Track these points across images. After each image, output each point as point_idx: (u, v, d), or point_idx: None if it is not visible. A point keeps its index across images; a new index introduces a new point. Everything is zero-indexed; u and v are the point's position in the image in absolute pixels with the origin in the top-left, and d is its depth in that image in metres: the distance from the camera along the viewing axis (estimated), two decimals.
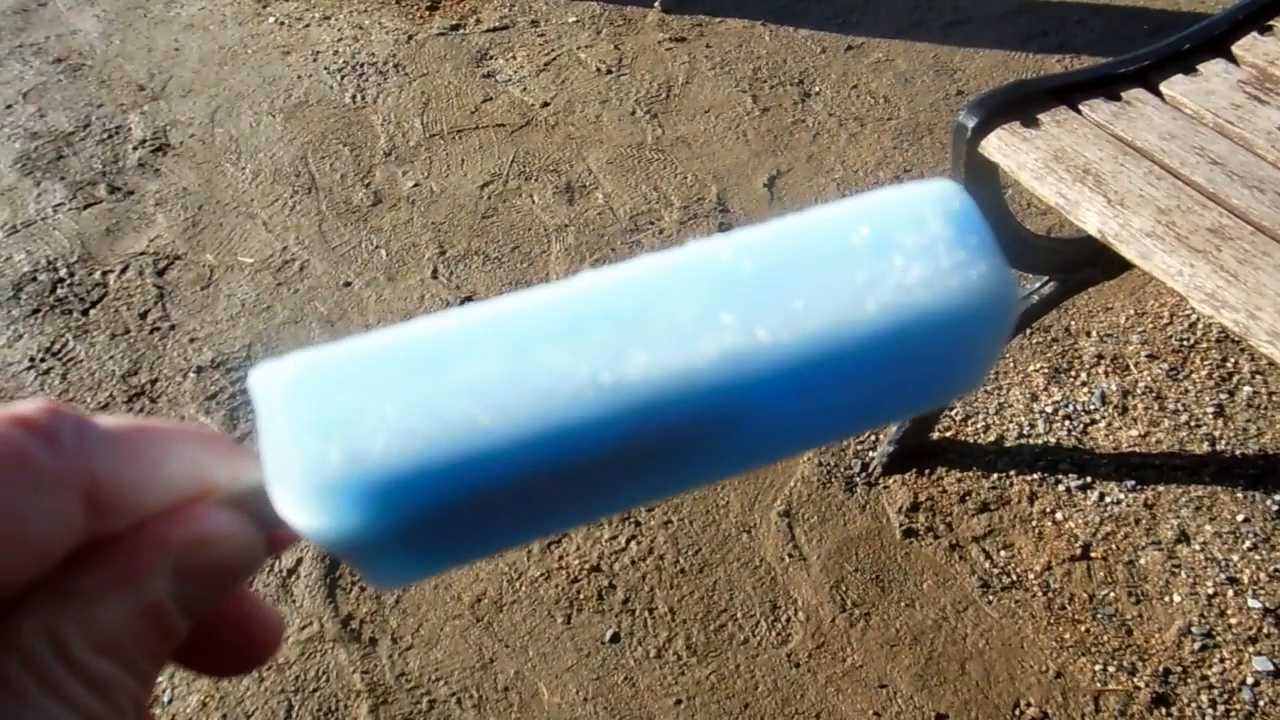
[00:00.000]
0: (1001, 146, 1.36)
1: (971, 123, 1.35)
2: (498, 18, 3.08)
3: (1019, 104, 1.39)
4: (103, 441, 0.24)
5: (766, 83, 2.78)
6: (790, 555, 1.65)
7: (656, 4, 3.12)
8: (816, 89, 2.76)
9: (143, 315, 2.03)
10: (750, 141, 2.56)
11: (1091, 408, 1.86)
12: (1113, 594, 1.59)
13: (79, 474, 0.23)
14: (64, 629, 0.22)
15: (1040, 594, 1.60)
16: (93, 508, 0.23)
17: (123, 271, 2.13)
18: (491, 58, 2.90)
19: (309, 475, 0.24)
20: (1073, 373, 1.93)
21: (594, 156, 2.51)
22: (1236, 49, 1.64)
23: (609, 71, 2.83)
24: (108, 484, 0.24)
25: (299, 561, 1.61)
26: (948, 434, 1.83)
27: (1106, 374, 1.93)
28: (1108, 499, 1.71)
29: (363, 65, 2.86)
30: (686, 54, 2.91)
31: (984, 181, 1.44)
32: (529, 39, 2.98)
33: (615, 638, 1.53)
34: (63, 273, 2.12)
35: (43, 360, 1.92)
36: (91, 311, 2.03)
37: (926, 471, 1.77)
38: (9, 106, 2.71)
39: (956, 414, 1.86)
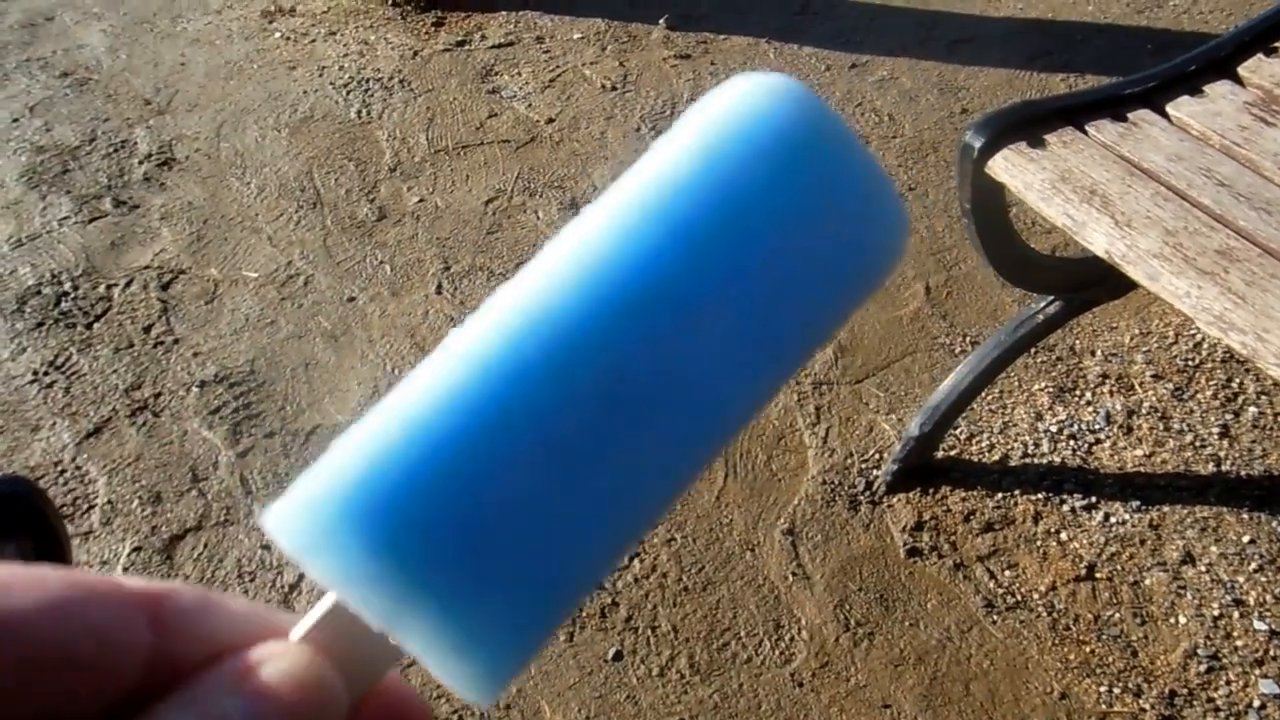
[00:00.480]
0: (1008, 167, 1.36)
1: (978, 143, 1.35)
2: (503, 34, 3.09)
3: (1025, 124, 1.39)
4: (183, 605, 0.25)
5: None
6: (794, 574, 1.64)
7: (661, 21, 3.13)
8: None
9: (146, 329, 2.03)
10: None
11: (1096, 427, 1.86)
12: (1118, 615, 1.58)
13: (147, 605, 0.24)
14: None
15: (1045, 614, 1.59)
16: (162, 636, 0.24)
17: (127, 285, 2.14)
18: (496, 74, 2.91)
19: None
20: (1077, 392, 1.93)
21: (599, 173, 2.51)
22: (1242, 70, 1.64)
23: (614, 88, 2.84)
24: (178, 622, 0.25)
25: (300, 578, 1.60)
26: (952, 453, 1.83)
27: (1111, 393, 1.92)
28: (1113, 519, 1.70)
29: (368, 81, 2.87)
30: (691, 71, 2.91)
31: (990, 201, 1.44)
32: (534, 55, 2.99)
33: (618, 656, 1.53)
34: (67, 286, 2.12)
35: (46, 374, 1.91)
36: (95, 325, 2.03)
37: (930, 490, 1.76)
38: (15, 120, 2.72)
39: (961, 433, 1.85)
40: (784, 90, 0.30)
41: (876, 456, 1.82)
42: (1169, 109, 1.55)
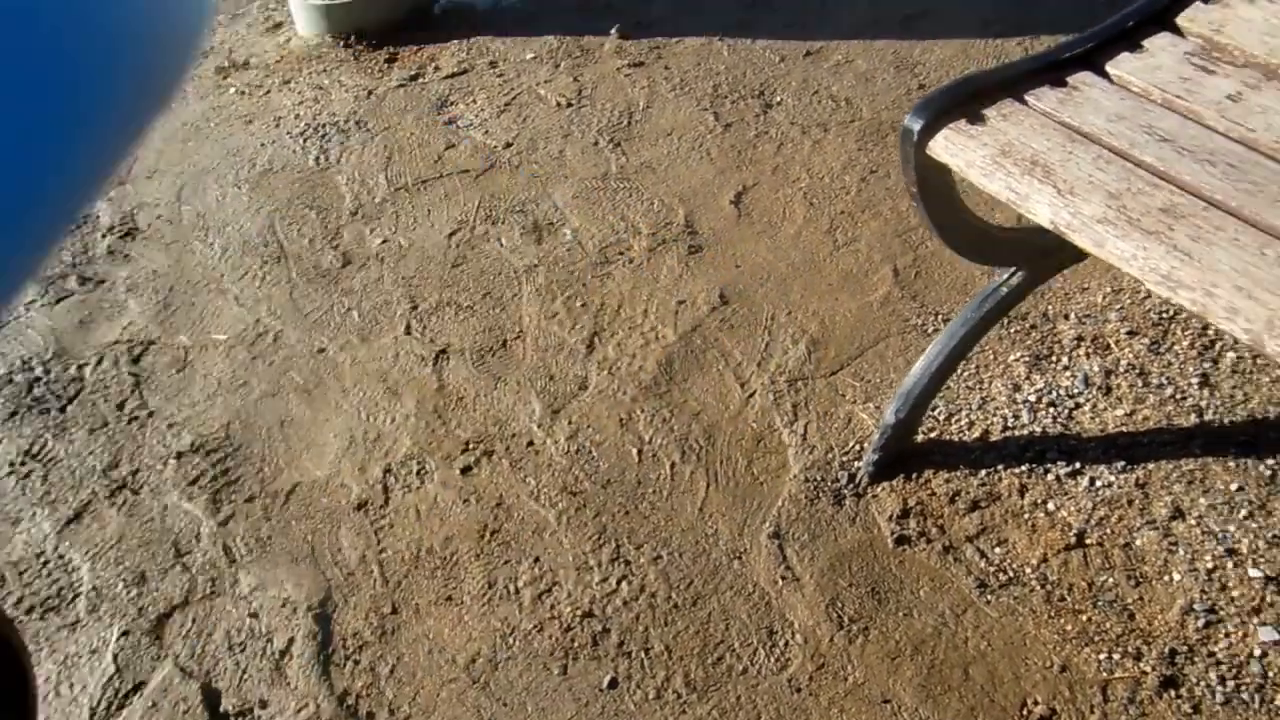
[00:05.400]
0: (949, 146, 1.35)
1: (917, 125, 1.34)
2: (455, 63, 3.09)
3: (964, 101, 1.38)
4: None
5: (727, 98, 2.77)
6: (783, 577, 1.63)
7: (613, 31, 3.12)
8: (778, 98, 2.75)
9: (120, 405, 2.03)
10: (715, 159, 2.55)
11: (1075, 391, 1.84)
12: (1111, 580, 1.56)
13: None
14: None
15: (1038, 588, 1.57)
16: None
17: (98, 363, 2.14)
18: (452, 104, 2.91)
19: None
20: (1053, 358, 1.91)
21: (559, 192, 2.50)
22: (1181, 20, 1.62)
23: (569, 105, 2.83)
24: None
25: (290, 641, 1.60)
26: (932, 435, 1.81)
27: (1088, 355, 1.90)
28: (1098, 483, 1.69)
29: (324, 126, 2.87)
30: (645, 78, 2.90)
31: (937, 182, 1.43)
32: (488, 80, 2.99)
33: (613, 683, 1.52)
34: (38, 371, 2.13)
35: (22, 464, 1.92)
36: (69, 407, 2.04)
37: (914, 475, 1.75)
38: None
39: (939, 413, 1.84)
40: None
41: (857, 448, 1.81)
42: (1109, 68, 1.53)
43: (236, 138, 2.90)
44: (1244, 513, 1.60)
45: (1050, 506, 1.67)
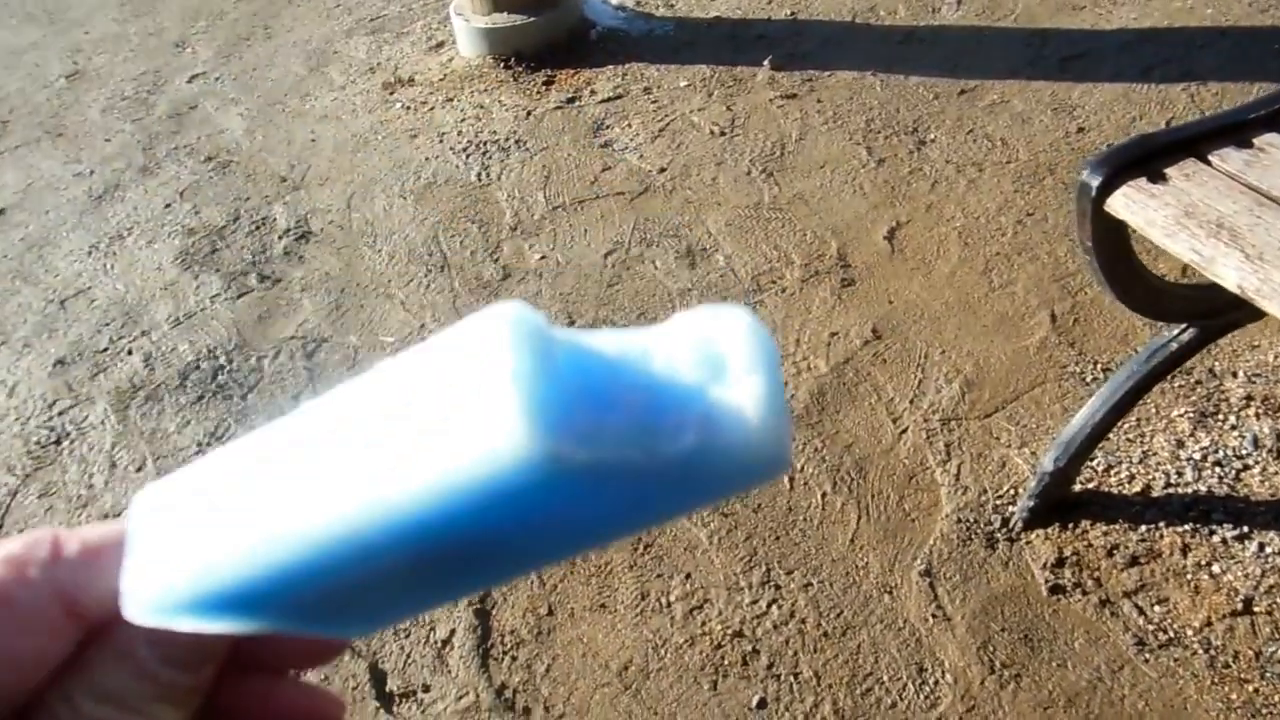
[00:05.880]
0: (1128, 204, 1.35)
1: (1095, 181, 1.34)
2: (611, 87, 3.18)
3: (1144, 159, 1.37)
4: (76, 558, 0.31)
5: (880, 133, 2.79)
6: (934, 615, 1.63)
7: (766, 62, 3.17)
8: (932, 136, 2.75)
9: (296, 397, 2.15)
10: (868, 194, 2.57)
11: (1244, 452, 1.80)
12: None
13: (56, 597, 0.30)
14: (74, 692, 0.30)
15: (1201, 651, 1.54)
16: (77, 615, 0.30)
17: (275, 356, 2.27)
18: (607, 127, 2.99)
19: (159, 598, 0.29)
20: (1220, 416, 1.87)
21: (713, 219, 2.56)
22: None
23: (722, 133, 2.89)
24: (84, 593, 0.30)
25: (452, 633, 1.67)
26: (1090, 485, 1.79)
27: (1258, 416, 1.86)
28: (1268, 549, 1.65)
29: (485, 143, 2.99)
30: (798, 110, 2.94)
31: (1112, 238, 1.42)
32: (642, 106, 3.07)
33: (762, 703, 1.54)
34: (222, 360, 2.27)
35: (209, 445, 2.05)
36: (250, 396, 2.17)
37: (1070, 525, 1.73)
38: (168, 205, 2.93)
39: (1099, 464, 1.82)
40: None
41: (1011, 492, 1.80)
42: None
43: (402, 150, 3.04)
44: None
45: (1215, 569, 1.63)
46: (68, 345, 2.45)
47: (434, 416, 0.27)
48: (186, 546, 0.29)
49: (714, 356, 0.29)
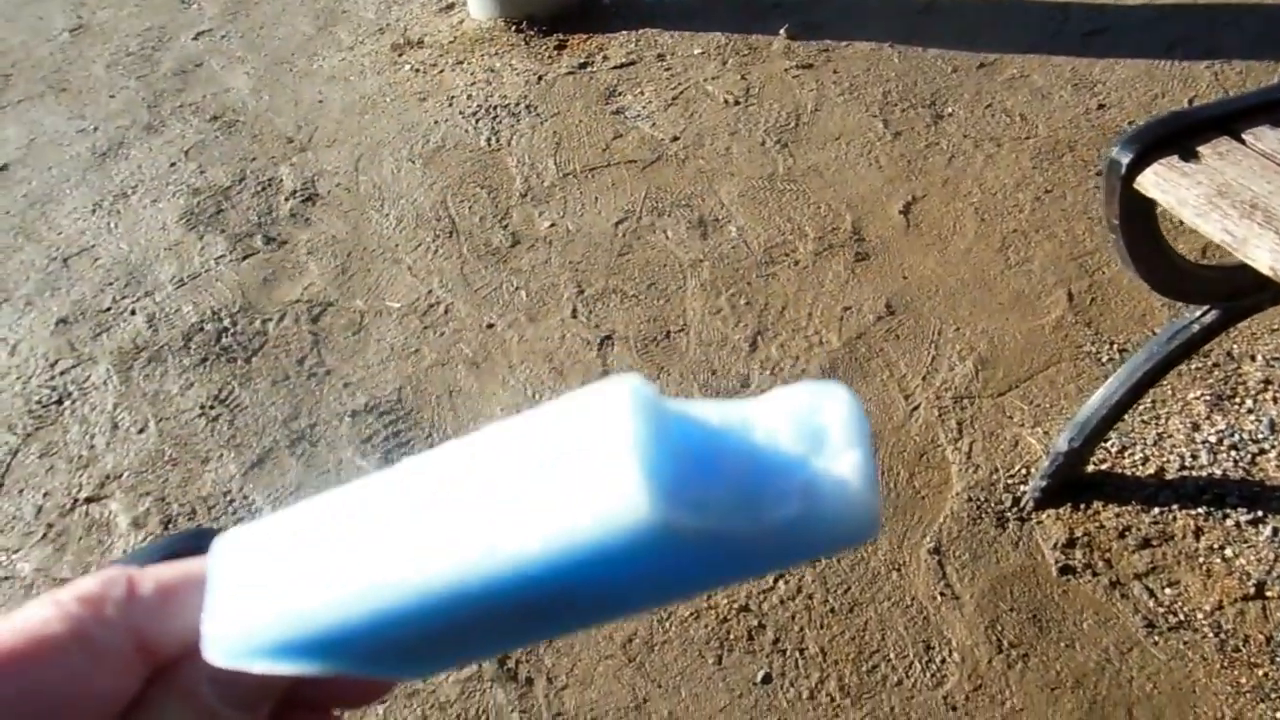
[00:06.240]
0: (1159, 182, 1.32)
1: (1126, 158, 1.31)
2: (624, 53, 3.13)
3: (1176, 136, 1.34)
4: (150, 598, 0.31)
5: (897, 106, 2.75)
6: (942, 594, 1.62)
7: (782, 31, 3.12)
8: (949, 110, 2.71)
9: (300, 361, 2.13)
10: (883, 167, 2.53)
11: (1260, 436, 1.77)
12: None
13: (130, 636, 0.30)
14: None
15: (1211, 635, 1.53)
16: (147, 652, 0.31)
17: (280, 320, 2.25)
18: (620, 94, 2.95)
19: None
20: (1237, 399, 1.85)
21: (725, 189, 2.52)
22: None
23: (737, 102, 2.84)
24: (156, 632, 0.31)
25: None
26: (1103, 466, 1.77)
27: (1275, 400, 1.83)
28: None
29: (496, 108, 2.95)
30: (814, 80, 2.90)
31: (1140, 217, 1.39)
32: (656, 73, 3.02)
33: (767, 679, 1.53)
34: (226, 322, 2.25)
35: (212, 408, 2.03)
36: (254, 359, 2.15)
37: (1082, 506, 1.71)
38: (173, 164, 2.89)
39: (1112, 445, 1.80)
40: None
41: (1023, 472, 1.78)
42: None
43: (411, 114, 3.00)
44: None
45: (1228, 553, 1.62)
46: (70, 304, 2.42)
47: (550, 477, 0.28)
48: (273, 591, 0.30)
49: (814, 430, 0.31)
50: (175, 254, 2.53)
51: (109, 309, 2.39)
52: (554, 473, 0.28)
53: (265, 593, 0.30)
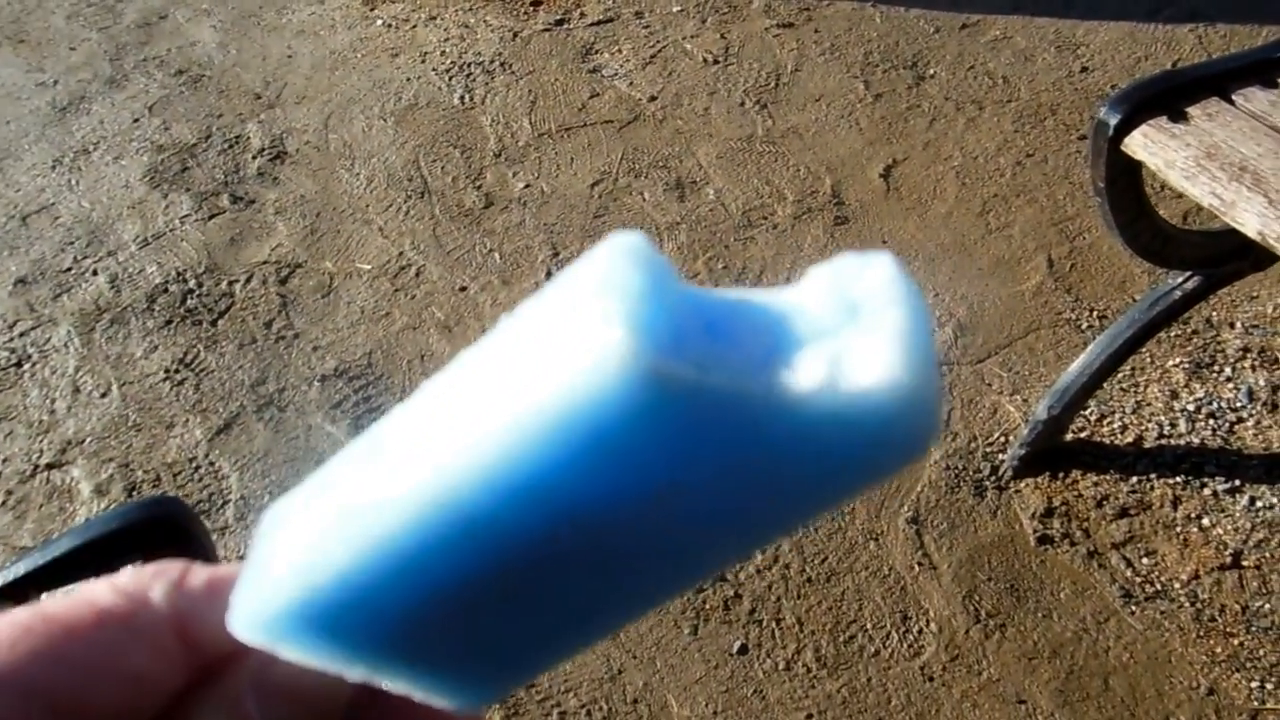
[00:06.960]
0: (1147, 144, 1.29)
1: (1114, 119, 1.28)
2: (601, 10, 3.06)
3: (1166, 97, 1.31)
4: (200, 590, 0.30)
5: (879, 67, 2.70)
6: (920, 564, 1.60)
7: None
8: (931, 72, 2.67)
9: (268, 324, 2.08)
10: (864, 130, 2.49)
11: (1238, 405, 1.76)
12: (1268, 605, 1.51)
13: (173, 622, 0.30)
14: None
15: (1188, 605, 1.53)
16: (190, 647, 0.30)
17: (247, 281, 2.19)
18: (597, 52, 2.89)
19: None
20: (1216, 367, 1.84)
21: (703, 151, 2.48)
22: None
23: (716, 62, 2.79)
24: (203, 624, 0.30)
25: None
26: (1082, 435, 1.76)
27: (1254, 368, 1.82)
28: (1259, 503, 1.62)
29: (469, 65, 2.88)
30: (795, 40, 2.84)
31: (1126, 179, 1.37)
32: (634, 31, 2.96)
33: (743, 649, 1.52)
34: (191, 284, 2.19)
35: (177, 371, 1.98)
36: (220, 322, 2.09)
37: (1060, 475, 1.70)
38: (136, 120, 2.81)
39: (1091, 413, 1.78)
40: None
41: (1001, 440, 1.76)
42: None
43: (382, 70, 2.92)
44: None
45: (1205, 522, 1.61)
46: (29, 264, 2.35)
47: (533, 352, 0.24)
48: (293, 551, 0.27)
49: (852, 301, 0.25)
50: (139, 212, 2.46)
51: (70, 269, 2.32)
52: (534, 347, 0.24)
53: (286, 555, 0.27)
